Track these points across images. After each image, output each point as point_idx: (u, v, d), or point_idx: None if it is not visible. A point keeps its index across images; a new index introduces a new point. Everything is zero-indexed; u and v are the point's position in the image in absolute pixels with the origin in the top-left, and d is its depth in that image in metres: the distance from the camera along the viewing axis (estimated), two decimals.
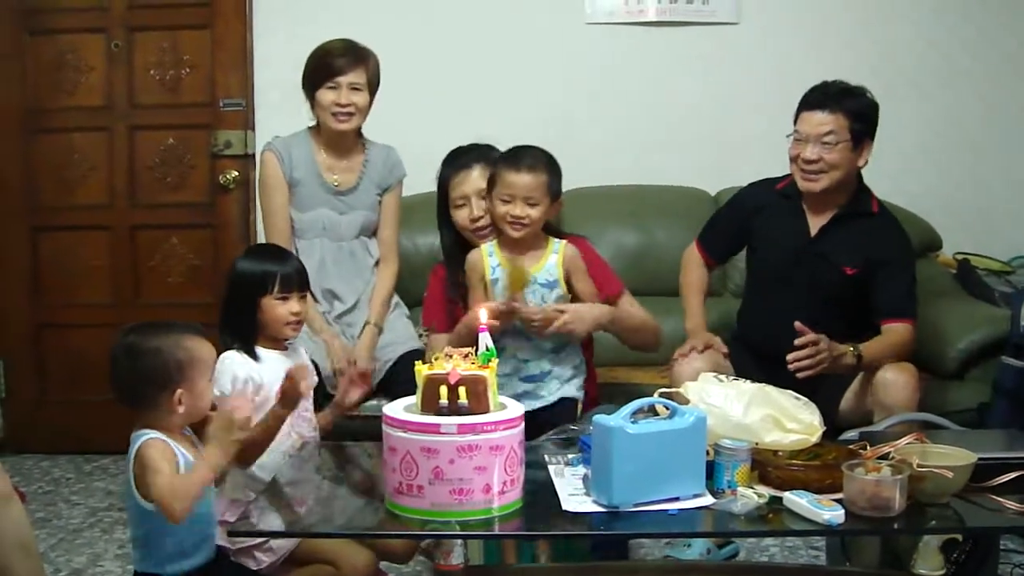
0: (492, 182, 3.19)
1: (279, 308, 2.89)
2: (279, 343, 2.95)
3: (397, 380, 3.54)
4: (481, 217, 3.32)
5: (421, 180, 4.20)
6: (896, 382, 3.24)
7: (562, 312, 3.09)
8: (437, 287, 3.46)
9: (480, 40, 4.73)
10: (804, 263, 3.51)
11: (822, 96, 3.44)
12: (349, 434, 3.08)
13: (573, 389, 3.21)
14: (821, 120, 3.40)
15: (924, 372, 3.65)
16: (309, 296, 3.20)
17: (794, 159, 3.48)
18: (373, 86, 3.79)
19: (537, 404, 3.12)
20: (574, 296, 3.20)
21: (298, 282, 2.95)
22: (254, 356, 2.87)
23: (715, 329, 3.67)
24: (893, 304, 3.44)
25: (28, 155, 4.89)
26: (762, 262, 3.66)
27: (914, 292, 3.50)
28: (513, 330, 3.14)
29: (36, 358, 4.98)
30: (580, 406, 3.19)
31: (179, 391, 2.39)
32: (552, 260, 3.19)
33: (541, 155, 3.18)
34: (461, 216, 3.35)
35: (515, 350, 3.18)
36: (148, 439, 2.37)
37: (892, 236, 3.52)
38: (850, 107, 3.41)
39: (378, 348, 3.71)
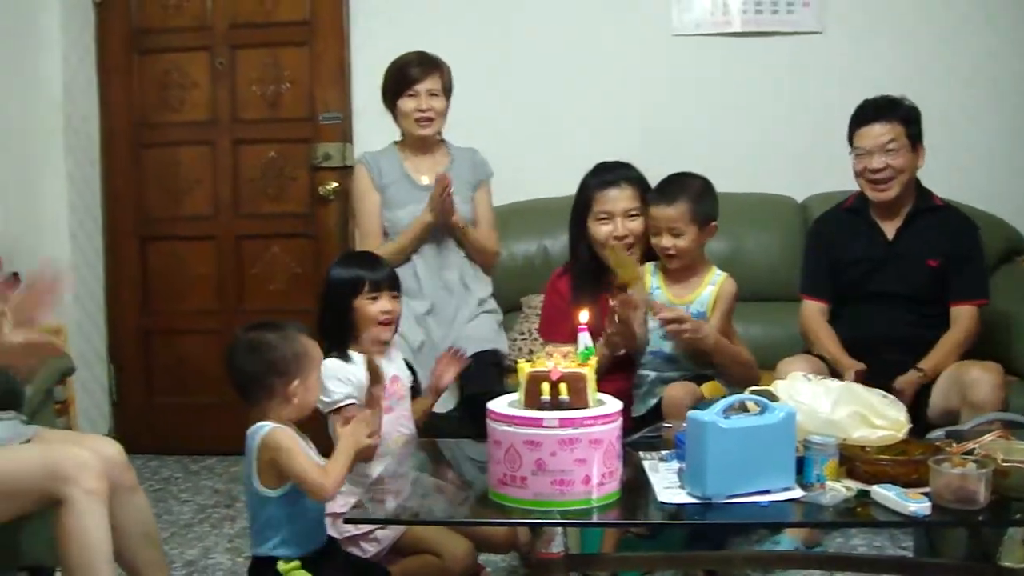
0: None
1: (370, 307, 3.06)
2: (377, 346, 3.10)
3: (467, 378, 3.61)
4: (625, 236, 3.38)
5: (513, 190, 4.35)
6: (982, 380, 3.30)
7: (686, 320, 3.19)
8: (557, 300, 3.53)
9: (568, 53, 4.84)
10: (888, 267, 3.63)
11: (873, 110, 3.63)
12: (434, 433, 3.23)
13: None
14: (880, 131, 3.57)
15: (1009, 375, 3.71)
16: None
17: (860, 173, 3.64)
18: (448, 91, 3.97)
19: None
20: None
21: (388, 282, 3.11)
22: (347, 358, 3.03)
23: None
24: (965, 286, 3.60)
25: (137, 168, 5.11)
26: (847, 277, 3.71)
27: (985, 273, 3.71)
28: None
29: (145, 363, 5.19)
30: None
31: (295, 382, 2.57)
32: (707, 292, 3.27)
33: (686, 183, 3.28)
34: (602, 231, 3.40)
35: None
36: (272, 428, 2.55)
37: (962, 225, 3.69)
38: (901, 114, 3.60)
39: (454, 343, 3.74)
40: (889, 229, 3.67)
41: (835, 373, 3.35)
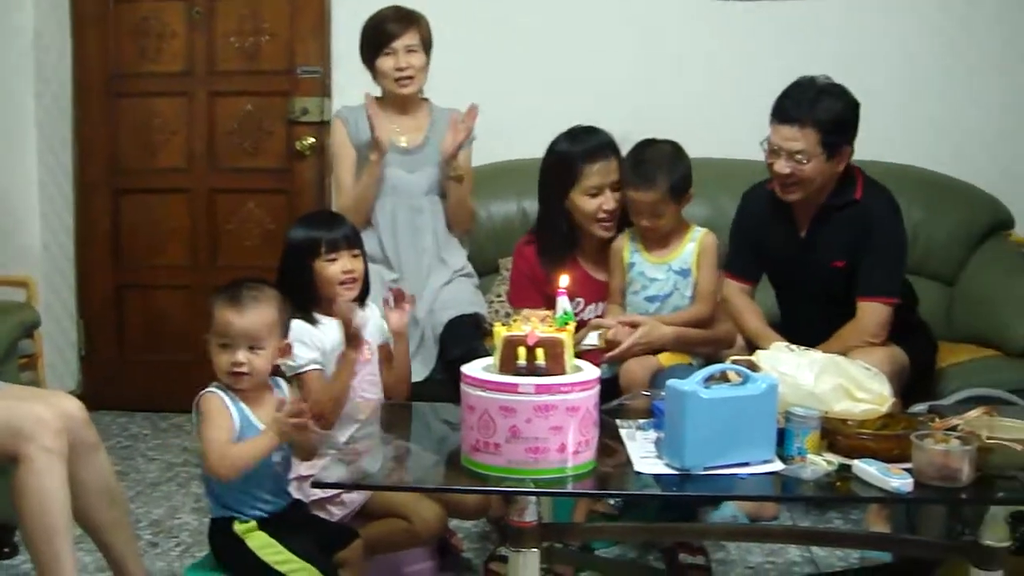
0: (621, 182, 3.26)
1: (329, 268, 2.97)
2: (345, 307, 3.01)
3: (447, 341, 3.64)
4: (614, 210, 3.33)
5: (491, 151, 4.27)
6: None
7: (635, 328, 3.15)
8: (525, 268, 3.48)
9: (550, 8, 4.75)
10: (799, 264, 3.44)
11: (794, 106, 3.24)
12: (414, 397, 3.17)
13: None
14: (791, 136, 3.23)
15: (992, 348, 3.66)
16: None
17: (769, 167, 3.34)
18: (428, 45, 3.89)
19: None
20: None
21: (346, 242, 3.01)
22: (312, 321, 2.95)
23: None
24: (867, 282, 3.31)
25: (111, 119, 5.00)
26: (770, 269, 3.59)
27: (897, 272, 3.38)
28: None
29: (116, 318, 5.10)
30: None
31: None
32: (689, 248, 3.22)
33: (658, 158, 3.19)
34: (590, 204, 3.32)
35: None
36: (206, 393, 2.52)
37: (874, 219, 3.33)
38: (822, 117, 3.20)
39: (435, 311, 3.75)
40: (803, 224, 3.43)
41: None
